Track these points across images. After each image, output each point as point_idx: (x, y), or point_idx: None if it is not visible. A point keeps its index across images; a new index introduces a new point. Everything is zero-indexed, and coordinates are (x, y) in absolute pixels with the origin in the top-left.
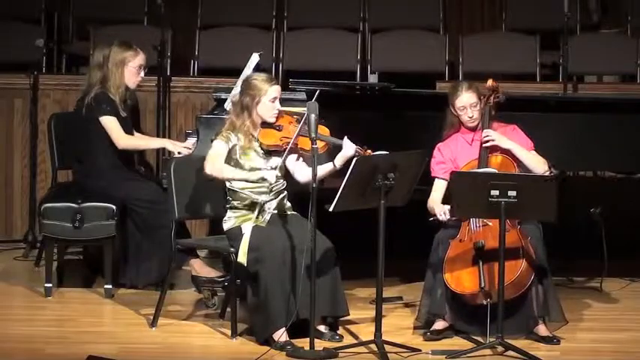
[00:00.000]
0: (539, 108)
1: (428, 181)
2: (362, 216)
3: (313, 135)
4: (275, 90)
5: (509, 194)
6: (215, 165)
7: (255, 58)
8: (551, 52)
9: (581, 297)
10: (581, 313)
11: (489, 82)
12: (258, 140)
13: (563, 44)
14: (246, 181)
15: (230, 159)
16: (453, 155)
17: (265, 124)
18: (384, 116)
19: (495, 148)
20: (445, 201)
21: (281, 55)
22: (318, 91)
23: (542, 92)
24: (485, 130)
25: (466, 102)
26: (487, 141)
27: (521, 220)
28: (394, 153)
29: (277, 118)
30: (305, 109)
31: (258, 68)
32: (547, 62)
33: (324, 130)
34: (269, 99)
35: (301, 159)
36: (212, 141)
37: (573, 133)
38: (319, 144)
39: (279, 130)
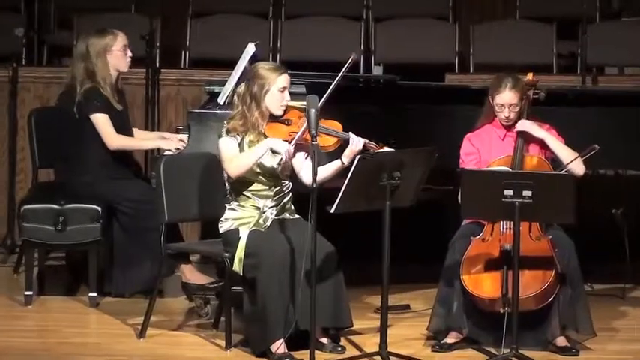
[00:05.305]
0: (555, 101)
1: (436, 179)
2: (366, 218)
3: (313, 131)
4: (284, 79)
5: (523, 194)
6: (233, 163)
7: (250, 49)
8: (568, 42)
9: (602, 305)
10: (602, 322)
11: (529, 76)
12: (265, 134)
13: (582, 33)
14: (258, 160)
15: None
16: (481, 147)
17: (273, 118)
18: (389, 111)
19: (528, 139)
20: None
21: (278, 45)
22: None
23: (559, 84)
24: (520, 122)
25: (506, 101)
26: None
27: (542, 224)
28: (400, 150)
29: (285, 111)
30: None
31: (254, 59)
32: (564, 52)
33: (335, 125)
34: (278, 88)
35: (308, 157)
36: (219, 137)
37: (593, 129)
38: (331, 141)
39: (288, 125)
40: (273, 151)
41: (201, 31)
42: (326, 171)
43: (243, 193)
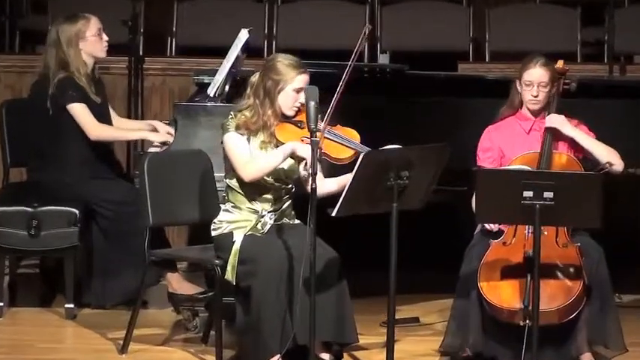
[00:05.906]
0: (580, 93)
1: (449, 179)
2: (371, 221)
3: (313, 126)
4: (302, 80)
5: (544, 196)
6: (251, 167)
7: (243, 35)
8: (594, 28)
9: (631, 317)
10: (632, 336)
11: (559, 63)
12: (275, 135)
13: (609, 18)
14: (279, 164)
15: None
16: (502, 142)
17: (283, 117)
18: (396, 103)
19: (557, 135)
20: None
21: (274, 31)
22: None
23: (583, 75)
24: (549, 116)
25: (535, 78)
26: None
27: (568, 229)
28: (409, 147)
29: (298, 112)
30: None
31: (247, 47)
32: (589, 40)
33: (353, 135)
34: (294, 88)
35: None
36: (222, 128)
37: (620, 123)
38: (348, 152)
39: (301, 128)
40: (292, 156)
41: (189, 16)
42: (334, 184)
43: (242, 194)
